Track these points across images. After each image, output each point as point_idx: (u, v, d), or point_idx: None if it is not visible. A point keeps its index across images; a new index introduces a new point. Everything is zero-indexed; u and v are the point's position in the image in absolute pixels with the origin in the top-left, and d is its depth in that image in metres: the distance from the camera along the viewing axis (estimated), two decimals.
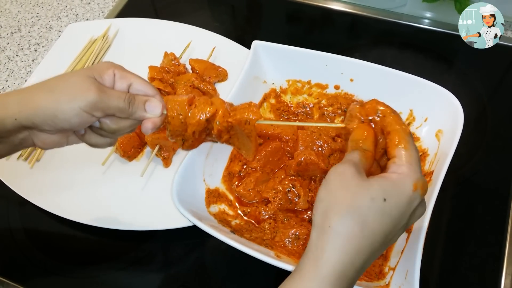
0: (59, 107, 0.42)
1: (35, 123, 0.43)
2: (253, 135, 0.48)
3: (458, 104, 0.59)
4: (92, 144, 0.48)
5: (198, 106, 0.48)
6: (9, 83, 0.87)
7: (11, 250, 0.66)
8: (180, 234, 0.64)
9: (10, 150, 0.47)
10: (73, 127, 0.44)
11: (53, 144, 0.47)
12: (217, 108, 0.48)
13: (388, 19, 0.87)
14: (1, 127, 0.43)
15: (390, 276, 0.52)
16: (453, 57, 0.82)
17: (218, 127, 0.48)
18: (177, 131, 0.48)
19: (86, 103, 0.42)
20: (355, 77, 0.67)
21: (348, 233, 0.37)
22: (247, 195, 0.63)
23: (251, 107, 0.48)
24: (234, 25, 0.94)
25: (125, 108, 0.45)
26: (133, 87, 0.47)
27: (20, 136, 0.45)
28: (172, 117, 0.47)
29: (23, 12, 1.00)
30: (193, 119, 0.47)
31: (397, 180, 0.38)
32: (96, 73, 0.44)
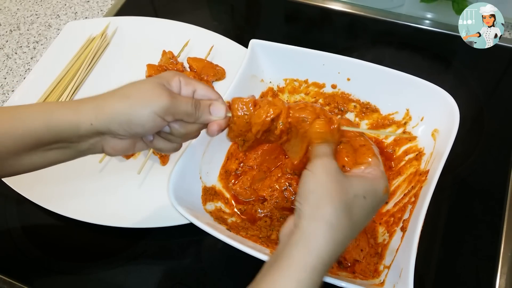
0: (135, 112, 0.43)
1: (111, 129, 0.44)
2: (307, 137, 0.48)
3: (454, 103, 0.59)
4: (160, 149, 0.50)
5: (262, 106, 0.48)
6: (7, 80, 0.87)
7: (8, 246, 0.67)
8: (177, 232, 0.64)
9: (74, 155, 0.48)
10: (146, 132, 0.45)
11: (122, 150, 0.48)
12: (281, 109, 0.48)
13: (386, 19, 0.88)
14: (74, 132, 0.44)
15: (385, 275, 0.52)
16: (451, 57, 0.82)
17: (281, 128, 0.49)
18: (241, 131, 0.49)
19: (160, 108, 0.43)
20: (352, 76, 0.67)
21: (339, 225, 0.40)
22: (243, 193, 0.63)
23: (307, 107, 0.49)
24: (233, 24, 0.95)
25: (192, 113, 0.46)
26: (197, 93, 0.49)
27: (90, 141, 0.46)
28: (238, 117, 0.48)
29: (22, 10, 1.00)
30: (259, 119, 0.48)
31: (373, 181, 0.44)
32: (165, 81, 0.46)
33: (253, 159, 0.65)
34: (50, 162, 0.48)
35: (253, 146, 0.52)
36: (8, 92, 0.86)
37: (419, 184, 0.57)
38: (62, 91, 0.79)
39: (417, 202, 0.55)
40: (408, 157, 0.63)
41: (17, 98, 0.80)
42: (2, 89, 0.86)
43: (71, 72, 0.82)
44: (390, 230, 0.57)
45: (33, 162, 0.47)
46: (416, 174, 0.59)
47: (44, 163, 0.48)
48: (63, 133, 0.44)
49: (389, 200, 0.60)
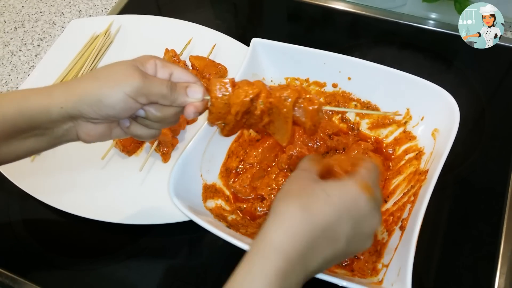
0: (105, 92, 0.43)
1: (81, 111, 0.43)
2: (290, 117, 0.48)
3: (454, 103, 0.59)
4: (138, 136, 0.49)
5: (241, 87, 0.48)
6: (12, 77, 0.88)
7: (11, 242, 0.67)
8: (177, 229, 0.64)
9: (51, 143, 0.48)
10: (118, 114, 0.44)
11: (97, 136, 0.47)
12: (260, 89, 0.48)
13: (388, 19, 0.88)
14: (46, 116, 0.44)
15: (383, 273, 0.53)
16: (453, 57, 0.82)
17: (261, 108, 0.48)
18: (220, 113, 0.48)
19: (131, 88, 0.43)
20: (353, 75, 0.67)
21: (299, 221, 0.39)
22: (243, 191, 0.64)
23: (290, 87, 0.48)
24: (236, 23, 0.95)
25: (167, 94, 0.45)
26: (174, 76, 0.48)
27: (64, 127, 0.46)
28: (216, 98, 0.47)
29: (26, 8, 1.01)
30: (238, 99, 0.47)
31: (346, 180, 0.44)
32: (139, 63, 0.46)
33: (253, 157, 0.65)
34: (29, 150, 0.48)
35: (234, 130, 0.51)
36: (12, 88, 0.86)
37: (418, 184, 0.57)
38: None
39: (416, 201, 0.55)
40: (408, 157, 0.63)
41: None
42: (7, 85, 0.87)
43: (74, 70, 0.82)
44: (389, 229, 0.57)
45: (11, 151, 0.47)
46: (415, 173, 0.60)
47: (22, 152, 0.47)
48: (36, 118, 0.44)
49: (388, 199, 0.61)
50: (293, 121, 0.50)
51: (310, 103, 0.48)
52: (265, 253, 0.38)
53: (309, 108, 0.48)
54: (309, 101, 0.49)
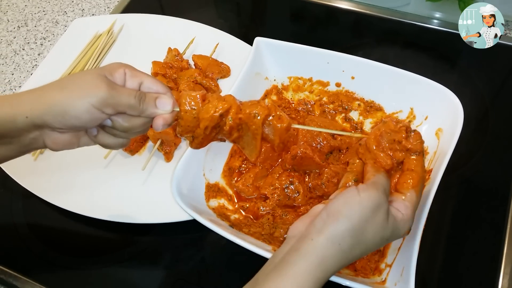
0: (70, 103, 0.42)
1: (46, 121, 0.43)
2: (259, 133, 0.48)
3: (458, 102, 0.59)
4: (105, 145, 0.49)
5: (211, 101, 0.48)
6: (15, 76, 0.88)
7: (14, 240, 0.68)
8: (180, 228, 0.64)
9: (20, 151, 0.47)
10: (83, 124, 0.44)
11: (64, 144, 0.47)
12: (231, 105, 0.48)
13: (392, 18, 0.87)
14: (12, 125, 0.43)
15: (387, 273, 0.52)
16: (456, 56, 0.82)
17: (230, 124, 0.48)
18: (189, 126, 0.48)
19: (97, 99, 0.42)
20: (356, 74, 0.67)
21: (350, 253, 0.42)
22: (245, 190, 0.63)
23: (260, 103, 0.49)
24: (239, 22, 0.95)
25: (135, 105, 0.45)
26: (144, 85, 0.47)
27: (30, 135, 0.45)
28: (185, 112, 0.47)
29: (30, 7, 1.01)
30: (207, 114, 0.47)
31: (401, 223, 0.45)
32: (107, 72, 0.45)
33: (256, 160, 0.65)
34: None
35: (203, 142, 0.51)
36: (15, 87, 0.87)
37: None
38: None
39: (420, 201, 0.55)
40: None
41: None
42: (10, 84, 0.87)
43: (77, 69, 0.82)
44: None
45: None
46: None
47: None
48: (1, 127, 0.43)
49: None
50: (262, 137, 0.50)
51: (279, 121, 0.49)
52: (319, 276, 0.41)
53: (277, 126, 0.49)
54: (279, 119, 0.49)
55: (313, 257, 0.41)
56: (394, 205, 0.45)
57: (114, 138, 0.48)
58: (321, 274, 0.40)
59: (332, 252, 0.41)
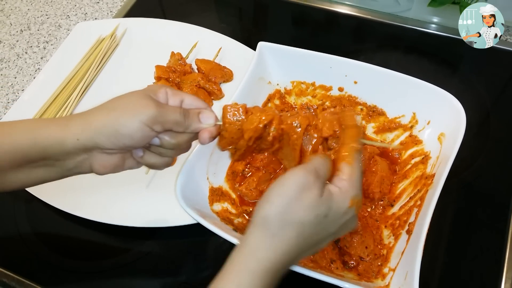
0: (122, 122, 0.43)
1: (98, 142, 0.44)
2: (298, 144, 0.48)
3: (460, 107, 0.59)
4: (151, 165, 0.50)
5: (255, 113, 0.48)
6: (17, 80, 0.89)
7: (17, 244, 0.67)
8: (183, 232, 0.65)
9: (62, 174, 0.48)
10: (135, 143, 0.45)
11: (111, 167, 0.48)
12: (273, 116, 0.48)
13: (393, 23, 0.88)
14: (61, 148, 0.44)
15: (390, 277, 0.53)
16: (458, 62, 0.82)
17: (274, 134, 0.49)
18: (232, 138, 0.48)
19: (147, 117, 0.43)
20: (359, 79, 0.67)
21: (286, 240, 0.40)
22: (249, 194, 0.64)
23: (299, 114, 0.49)
24: (241, 27, 0.95)
25: (181, 121, 0.46)
26: (185, 103, 0.49)
27: (77, 159, 0.46)
28: (230, 123, 0.48)
29: (32, 10, 1.01)
30: (251, 125, 0.48)
31: (337, 196, 0.42)
32: (151, 92, 0.47)
33: (259, 161, 0.65)
34: (36, 180, 0.48)
35: (245, 154, 0.51)
36: (18, 91, 0.87)
37: (425, 188, 0.57)
38: (71, 91, 0.80)
39: (423, 205, 0.55)
40: (414, 161, 0.63)
41: (26, 98, 0.81)
42: (13, 88, 0.87)
43: (80, 72, 0.83)
44: (396, 233, 0.57)
45: (19, 180, 0.47)
46: (422, 177, 0.60)
47: (29, 181, 0.48)
48: (49, 149, 0.44)
49: (395, 203, 0.61)
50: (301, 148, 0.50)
51: (316, 131, 0.48)
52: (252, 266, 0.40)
53: (314, 136, 0.48)
54: (315, 129, 0.49)
55: (245, 248, 0.40)
56: (334, 183, 0.43)
57: (160, 157, 0.49)
58: (255, 265, 0.39)
59: (263, 238, 0.40)
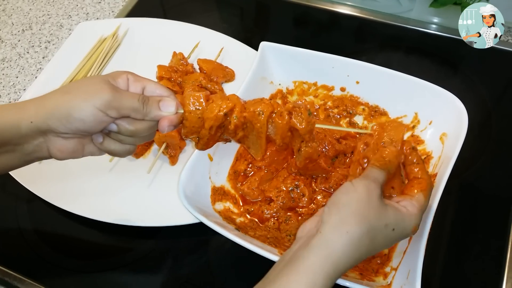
0: (75, 106, 0.43)
1: (51, 125, 0.43)
2: (263, 132, 0.48)
3: (462, 107, 0.59)
4: (112, 152, 0.49)
5: (215, 101, 0.47)
6: (19, 79, 0.89)
7: (18, 243, 0.67)
8: (184, 231, 0.65)
9: (23, 160, 0.47)
10: (88, 128, 0.44)
11: (68, 152, 0.47)
12: (235, 103, 0.48)
13: (395, 24, 0.88)
14: (16, 131, 0.44)
15: (392, 276, 0.53)
16: (459, 62, 0.83)
17: (235, 122, 0.48)
18: (194, 127, 0.48)
19: (101, 101, 0.43)
20: (361, 79, 0.67)
21: (360, 245, 0.41)
22: (251, 193, 0.64)
23: (263, 101, 0.48)
24: (242, 27, 0.95)
25: (139, 108, 0.45)
26: (147, 90, 0.48)
27: (34, 142, 0.45)
28: (190, 112, 0.47)
29: (34, 10, 1.01)
30: (211, 113, 0.47)
31: (406, 217, 0.45)
32: (111, 78, 0.46)
33: (262, 160, 0.65)
34: (0, 167, 0.47)
35: (209, 143, 0.51)
36: (20, 90, 0.87)
37: None
38: None
39: None
40: None
41: (28, 97, 0.80)
42: (14, 87, 0.87)
43: (82, 72, 0.83)
44: None
45: None
46: None
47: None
48: (6, 133, 0.44)
49: None
50: (266, 136, 0.50)
51: (281, 118, 0.48)
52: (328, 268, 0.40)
53: (279, 123, 0.48)
54: (280, 116, 0.49)
55: (322, 249, 0.40)
56: (401, 203, 0.46)
57: (121, 144, 0.48)
58: (331, 267, 0.40)
59: (340, 241, 0.40)
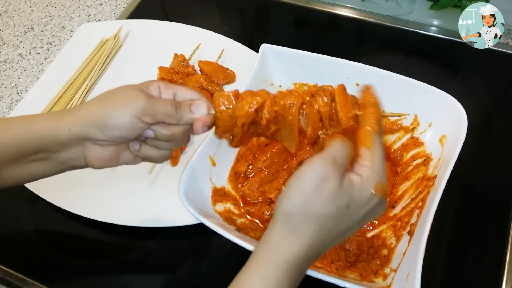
0: (111, 113, 0.44)
1: (88, 133, 0.45)
2: (295, 124, 0.48)
3: (462, 110, 0.60)
4: (148, 158, 0.50)
5: (245, 98, 0.48)
6: (21, 80, 0.89)
7: (20, 243, 0.68)
8: (185, 232, 0.65)
9: (57, 168, 0.49)
10: (125, 134, 0.45)
11: (105, 160, 0.48)
12: (265, 99, 0.48)
13: (395, 26, 0.89)
14: (54, 138, 0.45)
15: (392, 278, 0.53)
16: (459, 64, 0.83)
17: (267, 117, 0.48)
18: (226, 126, 0.48)
19: (137, 108, 0.44)
20: (361, 81, 0.68)
21: (308, 233, 0.40)
22: (251, 194, 0.64)
23: (292, 93, 0.48)
24: (243, 29, 0.96)
25: (172, 113, 0.46)
26: (178, 95, 0.49)
27: (71, 150, 0.47)
28: (221, 112, 0.48)
29: (36, 12, 1.02)
30: (242, 111, 0.47)
31: (359, 185, 0.40)
32: (143, 86, 0.47)
33: (262, 161, 0.66)
34: (32, 175, 0.49)
35: (243, 140, 0.51)
36: (22, 91, 0.87)
37: (426, 189, 0.58)
38: (75, 92, 0.81)
39: (424, 207, 0.55)
40: (415, 162, 0.64)
41: (30, 98, 0.82)
42: (16, 88, 0.88)
43: (84, 73, 0.83)
44: (397, 234, 0.57)
45: (15, 175, 0.47)
46: (423, 179, 0.60)
47: (25, 176, 0.48)
48: (44, 140, 0.45)
49: (396, 204, 0.61)
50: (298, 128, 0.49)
51: (311, 108, 0.48)
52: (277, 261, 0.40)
53: (309, 113, 0.47)
54: (310, 106, 0.48)
55: (268, 243, 0.40)
56: (354, 170, 0.42)
57: (157, 150, 0.50)
58: (279, 258, 0.39)
59: (285, 233, 0.40)
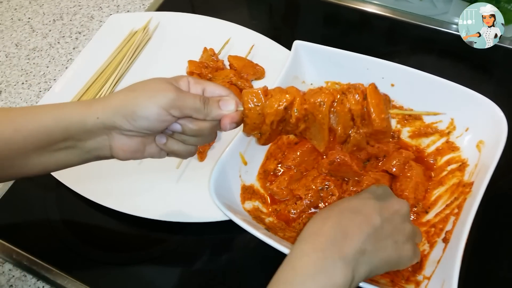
0: (139, 103, 0.44)
1: (116, 122, 0.44)
2: (325, 122, 0.47)
3: (502, 115, 0.58)
4: (174, 152, 0.50)
5: (274, 95, 0.47)
6: (49, 69, 0.89)
7: (47, 233, 0.68)
8: (211, 228, 0.64)
9: (83, 157, 0.48)
10: (152, 125, 0.45)
11: (130, 151, 0.48)
12: (294, 96, 0.47)
13: (429, 26, 0.86)
14: (82, 126, 0.45)
15: (425, 285, 0.52)
16: (494, 67, 0.81)
17: (296, 115, 0.47)
18: (255, 124, 0.47)
19: (165, 100, 0.44)
20: (396, 82, 0.66)
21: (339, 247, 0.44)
22: (280, 193, 0.63)
23: (323, 91, 0.47)
24: (271, 24, 0.95)
25: (200, 108, 0.46)
26: (207, 91, 0.49)
27: (98, 139, 0.46)
28: (249, 109, 0.47)
29: (65, 1, 1.02)
30: (271, 109, 0.46)
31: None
32: (173, 80, 0.47)
33: (291, 160, 0.65)
34: (58, 163, 0.48)
35: (271, 138, 0.50)
36: (50, 80, 0.88)
37: (462, 196, 0.56)
38: (103, 83, 0.81)
39: (461, 214, 0.54)
40: (450, 167, 0.62)
41: (58, 88, 0.82)
42: (45, 77, 0.88)
43: (112, 65, 0.83)
44: (431, 241, 0.56)
45: (41, 163, 0.47)
46: (459, 185, 0.59)
47: (52, 164, 0.48)
48: (71, 128, 0.45)
49: (429, 210, 0.60)
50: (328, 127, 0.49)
51: (342, 106, 0.47)
52: None
53: (340, 111, 0.46)
54: (341, 104, 0.47)
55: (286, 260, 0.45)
56: None
57: (183, 145, 0.49)
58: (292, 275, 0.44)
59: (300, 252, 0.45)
